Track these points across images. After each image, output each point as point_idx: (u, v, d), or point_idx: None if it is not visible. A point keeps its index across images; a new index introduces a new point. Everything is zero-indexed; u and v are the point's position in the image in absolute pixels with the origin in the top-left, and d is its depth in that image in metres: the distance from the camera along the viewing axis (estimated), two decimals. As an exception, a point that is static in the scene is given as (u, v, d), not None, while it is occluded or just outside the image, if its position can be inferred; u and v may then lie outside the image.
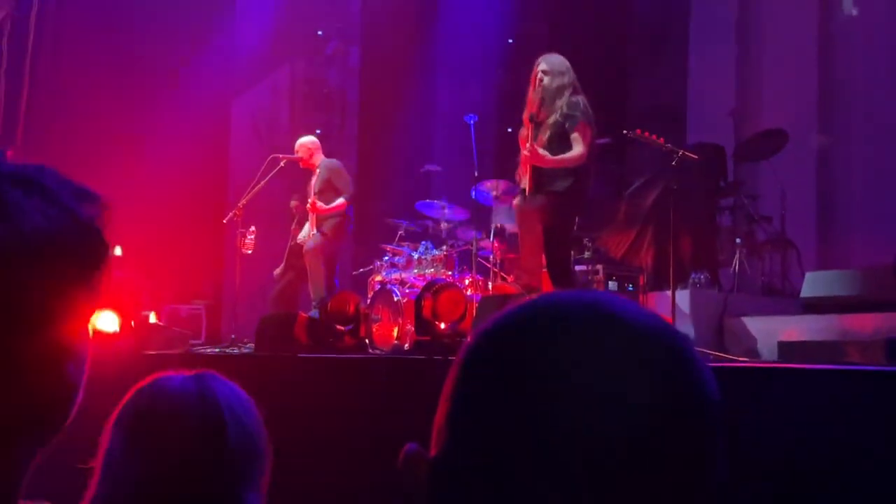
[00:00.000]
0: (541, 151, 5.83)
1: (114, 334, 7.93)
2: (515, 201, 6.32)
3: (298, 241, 8.27)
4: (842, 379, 3.51)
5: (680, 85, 10.26)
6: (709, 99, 9.99)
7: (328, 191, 8.07)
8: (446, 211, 8.07)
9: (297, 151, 8.26)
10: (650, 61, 10.36)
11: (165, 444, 1.44)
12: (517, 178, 6.34)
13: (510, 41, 11.09)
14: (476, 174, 7.57)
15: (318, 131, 10.25)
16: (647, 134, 6.06)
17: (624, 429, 0.73)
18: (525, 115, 6.08)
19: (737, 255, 7.60)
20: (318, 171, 8.17)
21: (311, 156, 8.27)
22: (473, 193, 7.63)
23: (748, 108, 9.89)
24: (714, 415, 0.78)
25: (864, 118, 9.04)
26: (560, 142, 5.92)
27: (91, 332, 0.92)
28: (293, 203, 8.95)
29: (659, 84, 10.25)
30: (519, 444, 0.74)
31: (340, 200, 8.04)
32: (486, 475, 0.76)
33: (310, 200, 8.01)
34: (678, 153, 6.04)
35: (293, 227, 8.72)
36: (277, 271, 8.60)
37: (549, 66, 6.08)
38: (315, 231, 8.05)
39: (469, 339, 0.84)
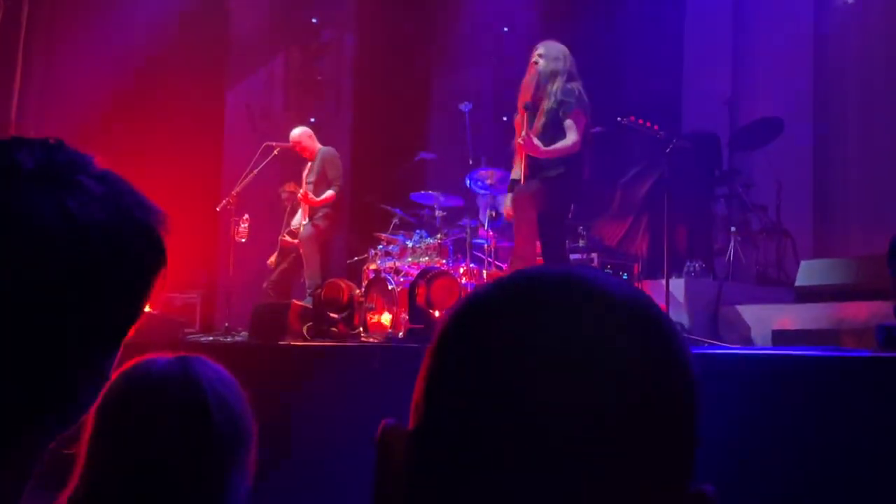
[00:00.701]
0: (535, 141, 5.83)
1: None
2: (510, 188, 6.32)
3: (292, 228, 8.28)
4: (834, 365, 3.52)
5: (675, 73, 10.24)
6: (703, 87, 9.97)
7: (322, 181, 8.08)
8: (441, 199, 8.06)
9: (297, 141, 8.25)
10: (644, 49, 10.33)
11: (149, 426, 1.43)
12: (513, 163, 6.34)
13: (505, 29, 11.06)
14: (471, 162, 7.55)
15: (312, 119, 10.22)
16: (640, 121, 6.06)
17: (600, 400, 0.72)
18: (520, 102, 6.07)
19: (731, 244, 7.60)
20: (315, 159, 8.17)
21: (309, 144, 8.28)
22: (468, 181, 7.62)
23: (743, 96, 9.88)
24: (693, 384, 0.77)
25: (859, 106, 9.04)
26: (554, 129, 5.92)
27: None
28: (284, 193, 8.94)
29: (653, 72, 10.22)
30: (494, 417, 0.73)
31: (330, 193, 8.05)
32: (463, 449, 0.75)
33: (301, 191, 8.02)
34: (672, 141, 6.03)
35: (286, 215, 8.72)
36: (271, 260, 8.60)
37: (545, 51, 6.10)
38: (307, 221, 8.05)
39: (449, 311, 0.83)
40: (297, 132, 8.33)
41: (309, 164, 8.26)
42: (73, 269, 0.88)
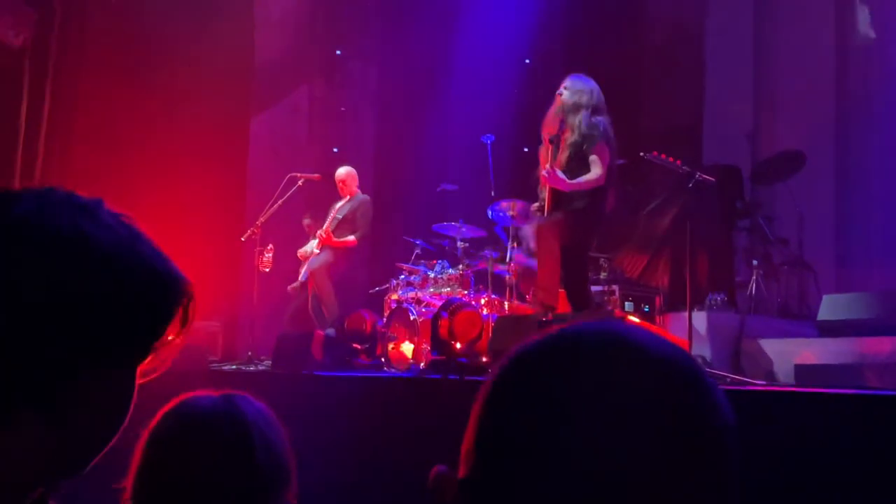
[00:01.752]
0: (559, 174, 5.87)
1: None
2: (534, 208, 6.34)
3: (300, 255, 8.37)
4: (859, 403, 3.52)
5: (696, 105, 10.28)
6: (725, 119, 10.00)
7: (348, 223, 8.21)
8: (462, 230, 8.10)
9: (343, 179, 8.44)
10: (666, 82, 10.39)
11: (195, 463, 1.47)
12: (538, 194, 6.37)
13: (527, 61, 11.14)
14: (493, 193, 7.60)
15: (335, 150, 10.32)
16: (664, 156, 6.09)
17: (642, 454, 0.77)
18: (544, 134, 6.13)
19: (753, 277, 7.59)
20: (350, 201, 8.30)
21: (352, 185, 8.46)
22: (490, 213, 7.66)
23: (764, 128, 9.90)
24: (730, 441, 0.81)
25: (881, 139, 9.03)
26: (578, 162, 5.96)
27: None
28: (306, 221, 9.02)
29: (674, 104, 10.27)
30: (542, 467, 0.78)
31: (351, 238, 8.19)
32: (512, 498, 0.79)
33: (325, 227, 8.12)
34: (695, 175, 6.05)
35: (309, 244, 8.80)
36: (292, 287, 8.66)
37: (571, 83, 6.16)
38: (321, 250, 8.16)
39: (495, 366, 0.88)
40: (346, 171, 8.61)
41: (342, 202, 8.39)
42: (82, 284, 0.91)
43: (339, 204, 8.49)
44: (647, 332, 0.86)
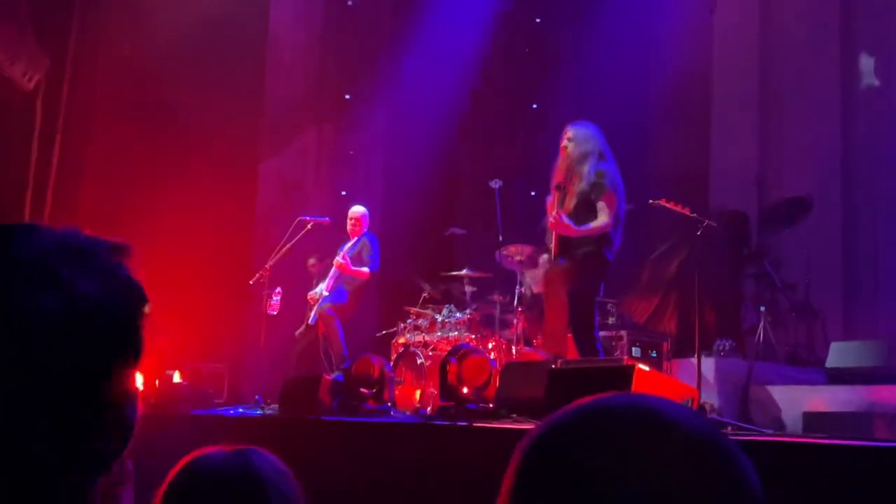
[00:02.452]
0: (565, 220, 5.90)
1: (138, 393, 7.98)
2: (542, 260, 6.37)
3: (310, 298, 8.33)
4: (869, 455, 3.50)
5: (702, 151, 10.33)
6: (731, 165, 10.03)
7: (357, 261, 8.18)
8: (470, 274, 8.11)
9: (356, 218, 8.44)
10: (673, 127, 10.45)
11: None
12: (544, 241, 6.40)
13: (534, 106, 11.23)
14: (500, 238, 7.62)
15: (343, 193, 10.37)
16: (672, 203, 6.11)
17: None
18: (552, 184, 6.16)
19: (761, 323, 7.58)
20: (360, 240, 8.30)
21: (363, 226, 8.46)
22: (498, 258, 7.68)
23: (771, 174, 9.93)
24: None
25: (888, 186, 9.05)
26: (586, 209, 5.99)
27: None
28: (312, 261, 9.02)
29: (681, 150, 10.33)
30: None
31: (365, 269, 8.16)
32: None
33: (339, 258, 8.07)
34: (703, 223, 6.07)
35: (314, 285, 8.79)
36: (299, 332, 8.65)
37: (573, 134, 6.19)
38: (329, 293, 8.12)
39: (524, 442, 0.89)
40: (361, 211, 8.58)
41: (351, 242, 8.39)
42: (42, 367, 0.91)
43: (347, 246, 8.47)
44: (677, 408, 0.87)
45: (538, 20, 11.44)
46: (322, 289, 8.25)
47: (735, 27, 10.50)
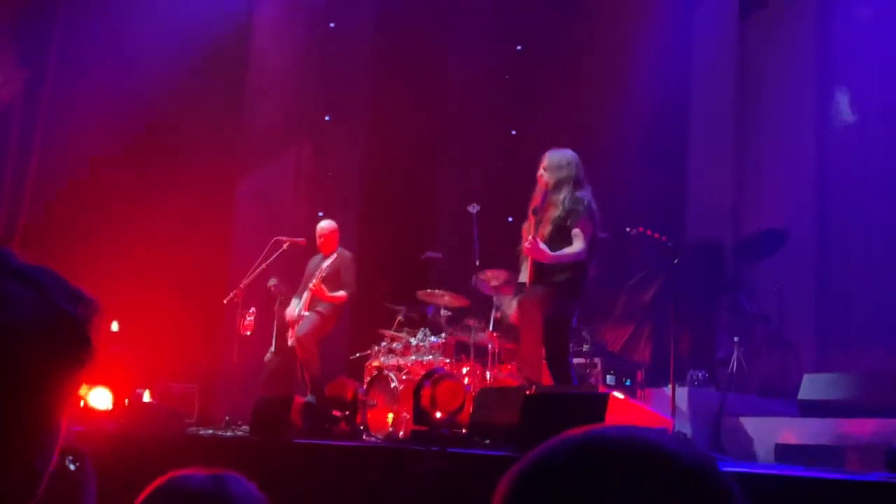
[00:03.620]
0: (541, 245, 5.90)
1: (107, 412, 7.89)
2: (516, 291, 6.37)
3: (287, 318, 8.22)
4: (841, 488, 3.50)
5: (679, 180, 10.39)
6: (707, 195, 10.10)
7: (334, 280, 8.06)
8: (446, 298, 8.09)
9: (326, 234, 8.28)
10: (649, 156, 10.51)
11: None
12: (519, 266, 6.39)
13: (513, 132, 11.27)
14: (477, 263, 7.61)
15: (320, 213, 10.33)
16: (649, 232, 6.14)
17: None
18: (530, 210, 6.17)
19: (735, 354, 7.60)
20: (333, 257, 8.16)
21: (333, 240, 8.31)
22: (474, 282, 7.67)
23: (747, 204, 10.00)
24: None
25: (862, 219, 9.13)
26: (561, 236, 6.00)
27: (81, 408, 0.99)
28: (272, 282, 8.90)
29: (658, 179, 10.38)
30: None
31: (342, 293, 8.05)
32: None
33: (314, 282, 7.97)
34: (680, 252, 6.10)
35: (276, 307, 8.69)
36: (268, 357, 8.53)
37: (549, 162, 6.21)
38: (308, 312, 8.03)
39: (514, 473, 0.86)
40: (330, 225, 8.37)
41: (321, 258, 8.27)
42: None
43: (317, 260, 8.34)
44: (671, 439, 0.85)
45: (518, 47, 11.50)
46: (300, 308, 8.16)
47: (712, 58, 10.60)
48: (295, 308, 8.20)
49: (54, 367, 0.93)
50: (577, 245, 5.95)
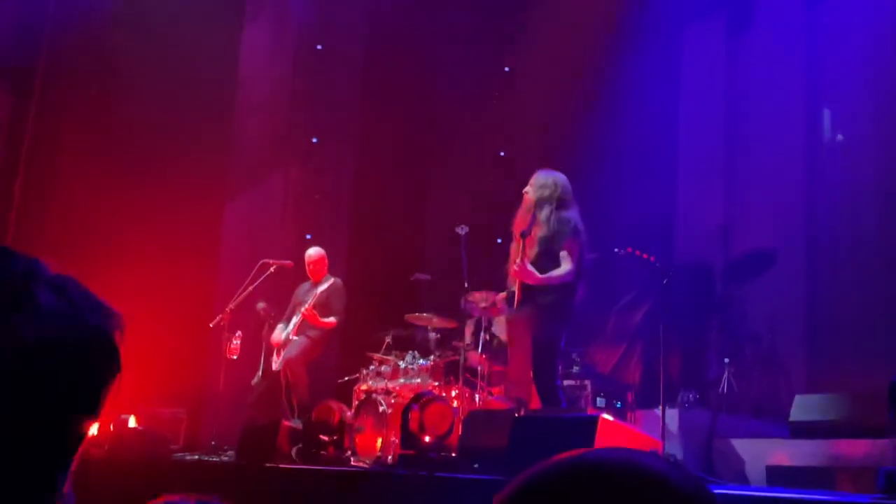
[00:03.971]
0: (529, 267, 5.87)
1: (92, 437, 7.80)
2: (499, 297, 6.34)
3: (273, 342, 8.17)
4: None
5: (668, 201, 10.39)
6: (697, 215, 10.09)
7: (324, 306, 8.05)
8: (434, 320, 8.04)
9: (314, 261, 8.29)
10: (638, 176, 10.51)
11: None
12: (507, 289, 6.36)
13: (502, 153, 11.27)
14: (466, 284, 7.57)
15: (308, 236, 10.28)
16: (637, 252, 6.11)
17: None
18: (515, 231, 6.14)
19: (725, 375, 7.56)
20: (326, 284, 8.14)
21: (322, 267, 8.31)
22: (463, 304, 7.62)
23: (736, 223, 10.00)
24: None
25: (851, 239, 9.13)
26: (548, 257, 5.97)
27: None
28: (261, 305, 8.86)
29: (647, 199, 10.37)
30: None
31: (332, 319, 8.03)
32: None
33: (306, 307, 7.91)
34: (669, 273, 6.07)
35: (264, 331, 8.64)
36: (255, 381, 8.47)
37: (535, 179, 6.22)
38: (298, 337, 7.98)
39: (503, 495, 0.83)
40: (318, 252, 8.39)
41: (310, 285, 8.24)
42: (21, 390, 0.89)
43: (307, 287, 8.32)
44: (664, 463, 0.82)
45: (507, 68, 11.52)
46: (287, 332, 8.11)
47: (701, 77, 10.64)
48: (281, 332, 8.16)
49: (85, 381, 0.95)
50: (565, 266, 5.93)
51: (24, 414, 0.89)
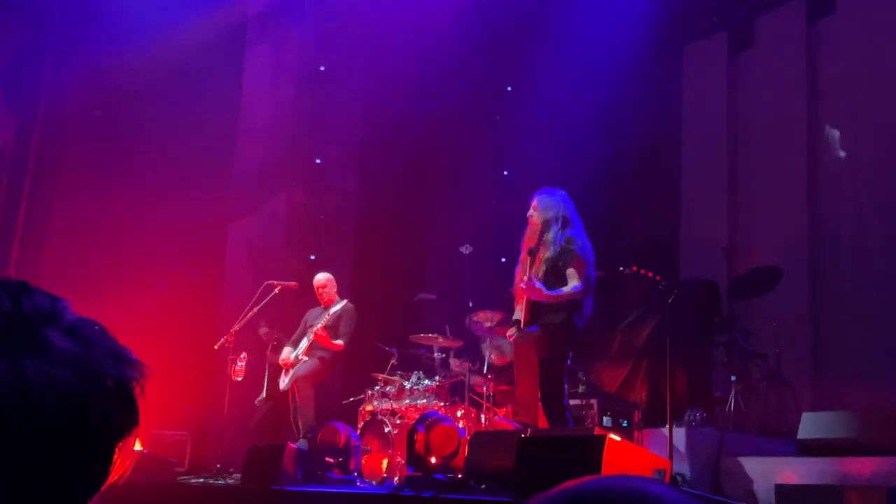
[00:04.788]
0: (537, 284, 5.85)
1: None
2: (509, 332, 6.31)
3: (282, 362, 8.10)
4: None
5: (672, 219, 10.40)
6: (701, 233, 10.09)
7: (334, 328, 7.97)
8: (439, 340, 8.01)
9: (323, 285, 8.22)
10: (642, 195, 10.52)
11: None
12: (514, 308, 6.34)
13: (505, 173, 11.28)
14: (470, 304, 7.56)
15: (312, 257, 10.29)
16: (642, 271, 6.10)
17: None
18: (523, 252, 6.14)
19: (732, 393, 7.52)
20: (339, 306, 8.08)
21: (333, 291, 8.26)
22: (468, 323, 7.61)
23: (740, 242, 10.00)
24: None
25: (854, 255, 9.12)
26: (555, 276, 5.96)
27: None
28: (263, 329, 8.86)
29: (651, 217, 10.38)
30: None
31: (340, 342, 7.95)
32: None
33: (318, 327, 7.84)
34: (673, 291, 6.05)
35: (268, 353, 8.61)
36: (259, 400, 8.47)
37: (538, 202, 6.21)
38: (307, 358, 7.93)
39: None
40: (326, 277, 8.32)
41: (321, 310, 8.16)
42: (26, 440, 0.83)
43: (318, 312, 8.24)
44: (672, 492, 0.81)
45: (509, 88, 11.55)
46: (298, 353, 8.04)
47: (703, 97, 10.66)
48: (290, 354, 8.07)
49: (95, 434, 0.89)
50: (573, 283, 5.92)
51: (26, 467, 0.83)
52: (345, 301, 8.17)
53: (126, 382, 0.93)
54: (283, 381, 8.01)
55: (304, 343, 7.98)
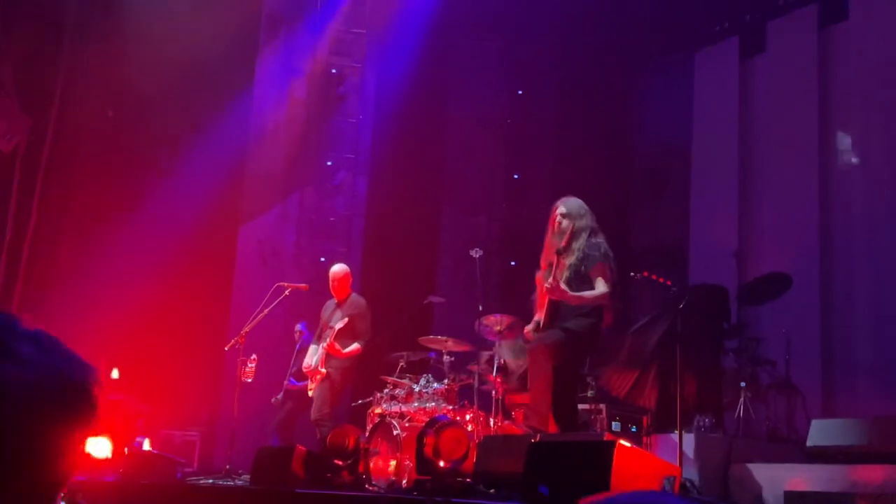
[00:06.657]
0: (562, 286, 5.81)
1: (106, 460, 7.80)
2: (528, 329, 6.25)
3: (305, 370, 8.07)
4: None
5: (682, 225, 10.39)
6: (711, 239, 10.09)
7: (348, 331, 7.91)
8: (449, 344, 8.00)
9: (338, 278, 8.17)
10: (653, 201, 10.52)
11: None
12: (534, 319, 6.27)
13: (515, 176, 11.28)
14: (480, 308, 7.55)
15: (322, 259, 10.31)
16: (653, 276, 6.09)
17: None
18: (543, 259, 6.11)
19: (741, 399, 7.52)
20: (346, 304, 8.04)
21: (346, 285, 8.23)
22: (477, 327, 7.60)
23: (750, 248, 9.99)
24: None
25: (866, 262, 9.11)
26: (578, 282, 5.92)
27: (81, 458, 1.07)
28: (298, 328, 8.85)
29: (661, 223, 10.38)
30: None
31: (355, 346, 7.90)
32: None
33: (329, 341, 7.80)
34: (684, 296, 6.05)
35: (295, 353, 8.61)
36: (276, 399, 8.49)
37: (568, 210, 6.13)
38: (324, 368, 7.87)
39: None
40: (342, 269, 8.23)
41: (335, 305, 8.14)
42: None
43: (332, 307, 8.19)
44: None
45: (520, 91, 11.56)
46: (317, 362, 7.96)
47: (714, 103, 10.65)
48: (313, 357, 8.02)
49: (60, 425, 1.00)
50: (601, 287, 5.89)
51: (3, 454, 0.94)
52: (356, 296, 8.12)
53: (83, 382, 1.04)
54: (311, 390, 7.96)
55: (320, 351, 7.91)
